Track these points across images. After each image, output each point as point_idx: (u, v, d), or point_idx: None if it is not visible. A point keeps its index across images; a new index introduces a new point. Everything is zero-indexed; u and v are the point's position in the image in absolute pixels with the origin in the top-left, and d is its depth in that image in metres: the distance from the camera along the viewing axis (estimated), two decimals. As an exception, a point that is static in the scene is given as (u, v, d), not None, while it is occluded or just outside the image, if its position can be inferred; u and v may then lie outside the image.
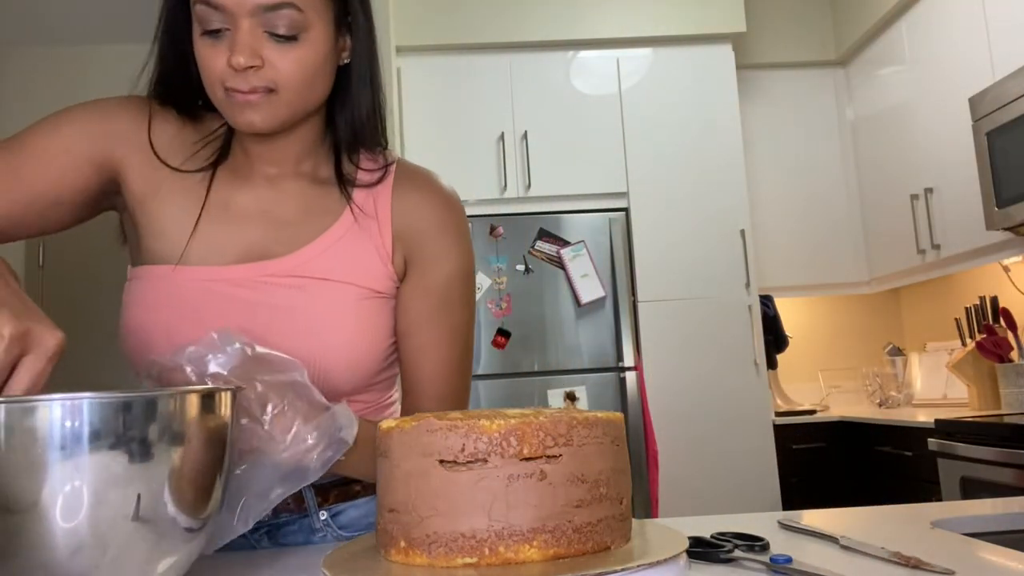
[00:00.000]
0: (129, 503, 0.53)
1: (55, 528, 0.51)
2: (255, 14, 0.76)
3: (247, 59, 0.76)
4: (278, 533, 0.92)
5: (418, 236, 0.90)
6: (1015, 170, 2.46)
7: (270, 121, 0.80)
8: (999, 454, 2.22)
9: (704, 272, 3.30)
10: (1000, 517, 0.86)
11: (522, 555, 0.59)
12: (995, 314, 2.94)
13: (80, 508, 0.51)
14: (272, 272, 0.85)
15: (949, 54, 2.96)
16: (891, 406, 3.50)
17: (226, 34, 0.78)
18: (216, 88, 0.80)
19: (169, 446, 0.55)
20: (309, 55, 0.80)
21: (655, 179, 3.36)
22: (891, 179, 3.39)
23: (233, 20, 0.76)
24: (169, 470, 0.55)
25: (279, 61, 0.78)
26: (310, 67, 0.80)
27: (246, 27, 0.76)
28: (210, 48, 0.78)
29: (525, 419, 0.61)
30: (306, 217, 0.89)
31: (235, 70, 0.77)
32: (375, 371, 0.90)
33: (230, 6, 0.76)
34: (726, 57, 3.46)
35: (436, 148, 3.29)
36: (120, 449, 0.52)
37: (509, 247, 3.17)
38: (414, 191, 0.92)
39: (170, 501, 0.55)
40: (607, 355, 3.14)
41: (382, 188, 0.91)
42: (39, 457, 0.51)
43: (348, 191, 0.90)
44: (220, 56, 0.78)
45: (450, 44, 3.39)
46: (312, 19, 0.79)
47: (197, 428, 0.57)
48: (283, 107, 0.80)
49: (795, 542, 0.77)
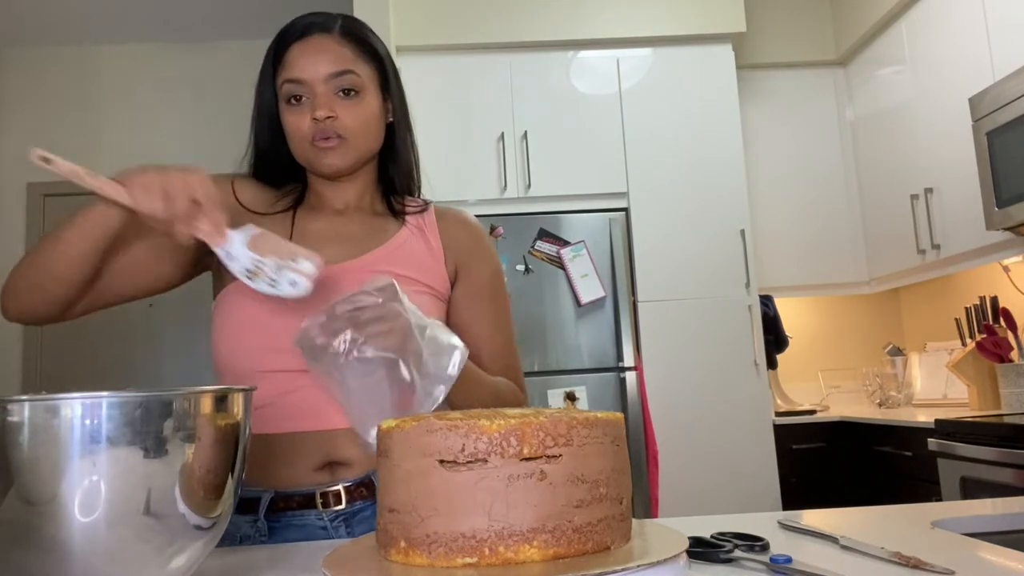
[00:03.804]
0: (140, 498, 0.54)
1: (73, 521, 0.53)
2: (327, 81, 1.04)
3: (326, 111, 1.03)
4: (353, 520, 1.01)
5: (463, 248, 1.15)
6: (1015, 170, 2.46)
7: (345, 160, 1.06)
8: (999, 454, 2.22)
9: (704, 272, 3.30)
10: (1000, 517, 0.86)
11: (522, 555, 0.59)
12: (995, 314, 2.94)
13: (97, 502, 0.53)
14: (347, 269, 1.05)
15: (949, 54, 2.96)
16: (891, 406, 3.50)
17: (306, 102, 1.05)
18: (303, 144, 1.06)
19: (182, 443, 0.57)
20: (366, 109, 1.07)
21: (655, 179, 3.36)
22: (891, 179, 3.39)
23: (311, 88, 1.04)
24: (181, 467, 0.56)
25: (346, 115, 1.05)
26: (368, 118, 1.08)
27: (321, 91, 1.04)
28: (296, 115, 1.05)
29: (525, 419, 0.61)
30: (371, 233, 1.11)
31: (318, 121, 1.03)
32: None
33: (309, 78, 1.04)
34: (726, 57, 3.46)
35: (436, 148, 3.28)
36: (136, 445, 0.54)
37: (509, 247, 3.17)
38: (452, 220, 1.17)
39: (180, 498, 0.56)
40: (607, 355, 3.14)
41: (427, 216, 1.16)
42: (59, 452, 0.53)
43: (401, 217, 1.15)
44: (304, 117, 1.05)
45: (450, 44, 3.39)
46: (366, 82, 1.08)
47: (209, 427, 0.59)
48: (352, 151, 1.07)
49: (795, 542, 0.77)
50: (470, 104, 3.37)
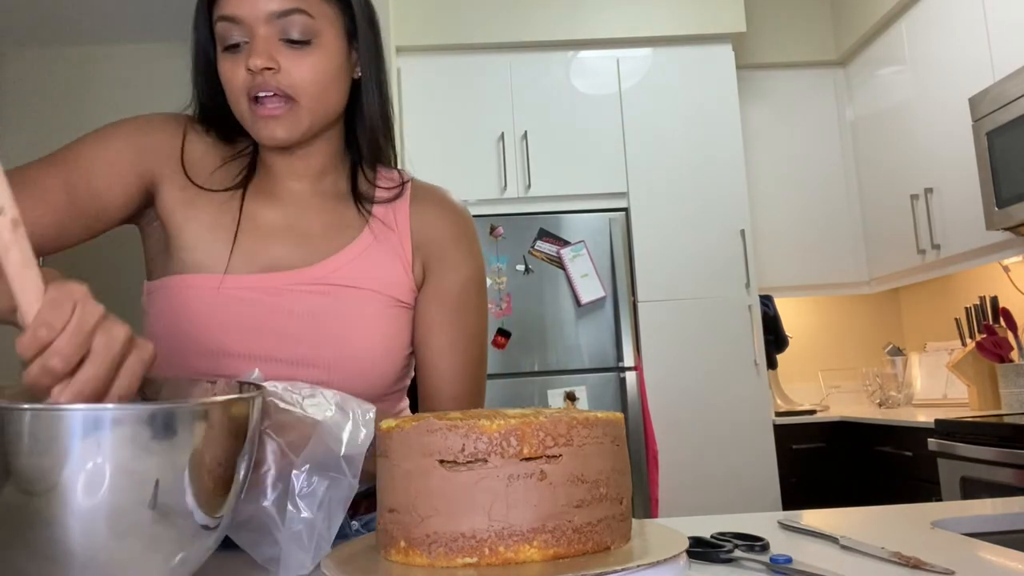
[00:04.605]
0: (148, 489, 0.53)
1: (75, 509, 0.51)
2: (269, 21, 0.82)
3: (263, 60, 0.81)
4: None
5: (435, 246, 0.95)
6: (1015, 170, 2.46)
7: (291, 131, 0.85)
8: (999, 454, 2.22)
9: (704, 272, 3.30)
10: (1000, 517, 0.86)
11: (522, 555, 0.59)
12: (995, 314, 2.94)
13: (99, 490, 0.52)
14: (300, 280, 0.88)
15: (949, 54, 2.96)
16: (891, 406, 3.50)
17: (245, 47, 0.83)
18: (240, 101, 0.84)
19: (191, 439, 0.55)
20: (322, 61, 0.85)
21: (655, 179, 3.36)
22: (891, 179, 3.39)
23: (250, 30, 0.82)
24: (189, 459, 0.55)
25: (294, 67, 0.83)
26: (324, 73, 0.85)
27: (262, 34, 0.82)
28: (231, 62, 0.84)
29: (525, 419, 0.61)
30: (330, 231, 0.92)
31: (253, 73, 0.82)
32: (394, 379, 0.93)
33: (245, 15, 0.81)
34: (726, 57, 3.46)
35: (436, 148, 3.29)
36: (140, 444, 0.53)
37: (509, 247, 3.17)
38: (431, 205, 0.98)
39: (188, 491, 0.56)
40: (607, 355, 3.14)
41: (400, 203, 0.96)
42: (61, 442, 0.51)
43: (366, 208, 0.94)
44: (240, 67, 0.83)
45: (450, 44, 3.39)
46: (323, 26, 0.85)
47: (219, 424, 0.58)
48: (304, 116, 0.85)
49: (795, 542, 0.77)
50: (470, 104, 3.37)
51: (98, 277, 1.03)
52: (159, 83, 4.05)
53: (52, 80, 4.03)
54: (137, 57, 4.06)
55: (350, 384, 0.87)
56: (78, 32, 3.93)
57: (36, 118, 3.99)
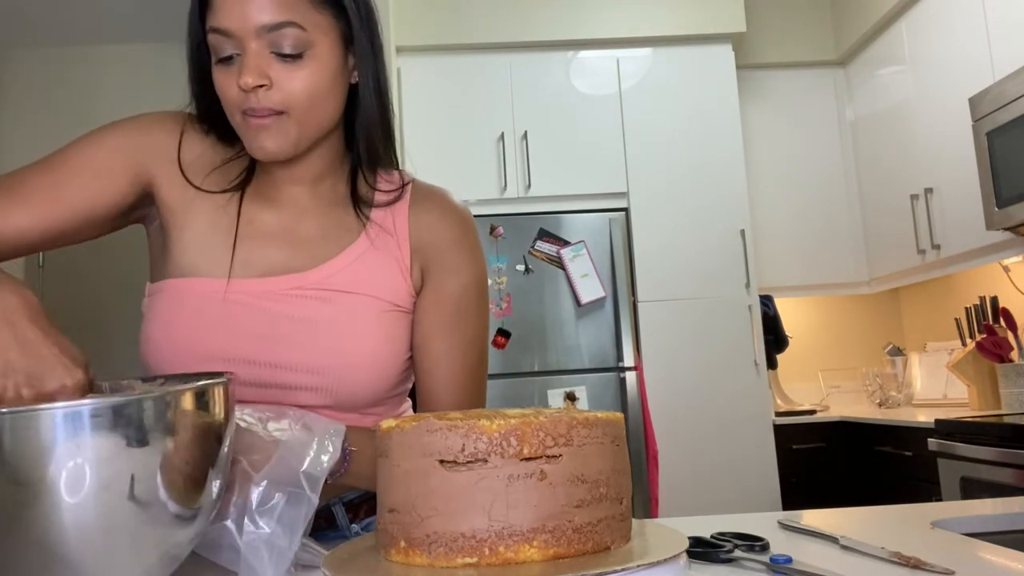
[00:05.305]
0: (124, 482, 0.56)
1: (60, 503, 0.54)
2: (260, 35, 0.80)
3: (254, 79, 0.79)
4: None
5: (435, 250, 0.94)
6: (1015, 170, 2.46)
7: (282, 145, 0.83)
8: (999, 454, 2.22)
9: (704, 272, 3.30)
10: (1000, 517, 0.86)
11: (522, 555, 0.59)
12: (995, 314, 2.94)
13: (82, 486, 0.54)
14: (297, 285, 0.88)
15: (949, 54, 2.96)
16: (891, 406, 3.50)
17: (238, 59, 0.81)
18: (234, 114, 0.83)
19: (163, 435, 0.58)
20: (315, 75, 0.82)
21: (655, 179, 3.36)
22: (891, 179, 3.39)
23: (241, 44, 0.80)
24: (162, 456, 0.58)
25: (287, 81, 0.81)
26: (317, 86, 0.83)
27: (253, 48, 0.80)
28: (224, 75, 0.82)
29: (525, 419, 0.61)
30: (327, 235, 0.91)
31: (244, 91, 0.80)
32: (393, 384, 0.92)
33: (236, 29, 0.79)
34: (726, 57, 3.46)
35: (436, 148, 3.28)
36: (118, 433, 0.56)
37: (509, 247, 3.17)
38: (431, 208, 0.96)
39: (162, 485, 0.58)
40: (607, 355, 3.14)
41: (400, 206, 0.95)
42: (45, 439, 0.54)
43: (364, 212, 0.93)
44: (233, 82, 0.81)
45: (450, 44, 3.39)
46: (316, 37, 0.82)
47: (189, 420, 0.60)
48: (294, 129, 0.83)
49: (795, 542, 0.77)
50: (470, 104, 3.37)
51: (98, 277, 1.03)
52: (159, 83, 4.05)
53: (52, 80, 4.03)
54: (137, 57, 4.06)
55: (349, 389, 0.87)
56: (78, 32, 3.93)
57: (36, 118, 3.99)
